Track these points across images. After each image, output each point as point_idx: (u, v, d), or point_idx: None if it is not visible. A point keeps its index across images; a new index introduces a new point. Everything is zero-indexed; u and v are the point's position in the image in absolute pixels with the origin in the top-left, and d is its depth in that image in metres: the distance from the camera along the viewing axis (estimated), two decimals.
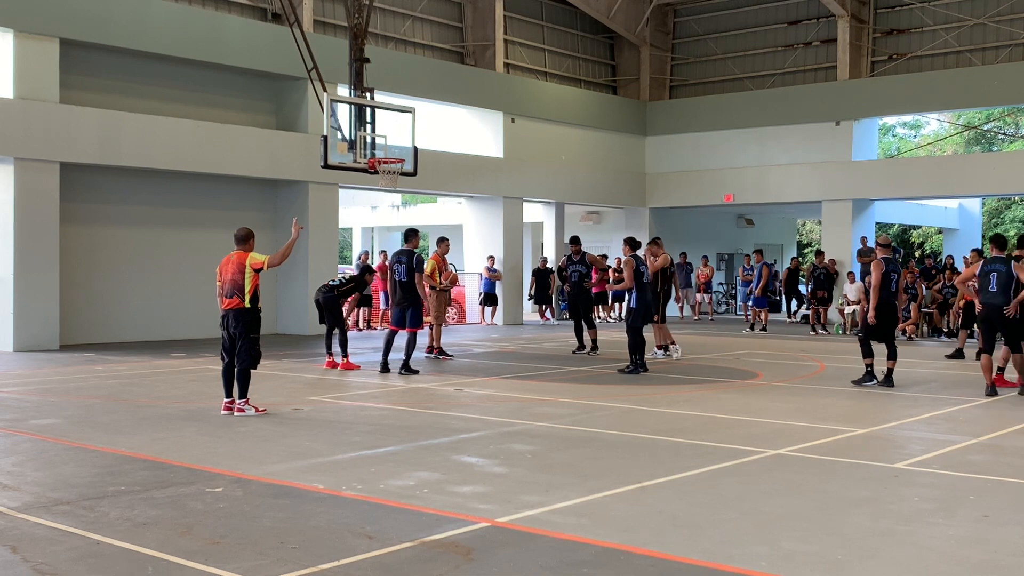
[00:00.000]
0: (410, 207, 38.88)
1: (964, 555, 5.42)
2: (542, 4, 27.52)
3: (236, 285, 9.95)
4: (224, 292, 10.02)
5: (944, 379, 13.80)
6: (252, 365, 10.10)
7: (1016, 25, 24.64)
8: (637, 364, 13.96)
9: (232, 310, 9.99)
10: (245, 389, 10.12)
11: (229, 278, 9.98)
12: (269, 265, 10.02)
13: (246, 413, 10.00)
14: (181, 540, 5.56)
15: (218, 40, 19.67)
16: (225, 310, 10.04)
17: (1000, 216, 43.83)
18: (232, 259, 10.06)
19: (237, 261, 10.03)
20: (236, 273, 9.96)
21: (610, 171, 28.42)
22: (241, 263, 9.97)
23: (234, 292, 9.95)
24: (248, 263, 9.94)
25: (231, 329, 10.03)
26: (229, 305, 10.00)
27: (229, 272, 10.00)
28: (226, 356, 10.15)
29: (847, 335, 21.97)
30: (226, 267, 10.06)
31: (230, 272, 9.99)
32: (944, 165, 28.85)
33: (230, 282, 9.97)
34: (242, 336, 9.97)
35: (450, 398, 11.70)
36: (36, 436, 8.83)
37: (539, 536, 5.70)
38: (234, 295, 9.96)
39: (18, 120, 16.96)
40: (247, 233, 10.21)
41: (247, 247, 10.11)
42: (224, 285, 10.01)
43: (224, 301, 10.03)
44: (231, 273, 9.98)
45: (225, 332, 10.11)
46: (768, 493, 6.80)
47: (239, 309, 9.97)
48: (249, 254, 10.03)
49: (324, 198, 21.41)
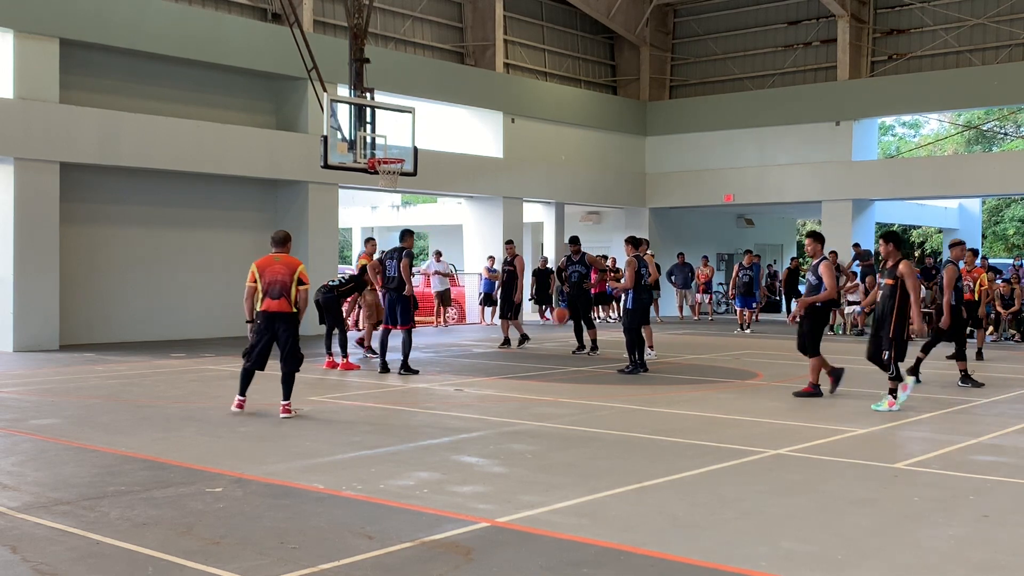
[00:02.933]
0: (410, 207, 38.88)
1: (964, 555, 5.42)
2: (542, 4, 27.52)
3: (285, 287, 9.72)
4: (270, 292, 9.71)
5: (944, 379, 13.80)
6: (297, 367, 9.92)
7: (1016, 25, 24.64)
8: (636, 364, 13.96)
9: (280, 313, 9.73)
10: (291, 391, 9.95)
11: (277, 279, 9.70)
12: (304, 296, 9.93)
13: (291, 415, 9.80)
14: (181, 540, 5.56)
15: (218, 40, 19.67)
16: (270, 312, 9.73)
17: (1000, 215, 43.85)
18: (280, 260, 9.82)
19: (287, 264, 9.80)
20: (286, 275, 9.73)
21: (610, 171, 28.42)
22: (292, 268, 9.77)
23: (282, 294, 9.72)
24: (298, 274, 9.78)
25: (277, 332, 9.78)
26: (276, 307, 9.72)
27: (277, 273, 9.72)
28: (252, 357, 9.91)
29: (847, 335, 21.97)
30: (270, 267, 9.77)
31: (278, 273, 9.72)
32: (944, 165, 28.86)
33: (279, 284, 9.70)
34: (289, 339, 9.78)
35: (450, 398, 11.70)
36: (36, 436, 8.82)
37: (539, 536, 5.70)
38: (282, 296, 9.72)
39: (18, 120, 16.95)
40: (287, 235, 10.06)
41: (287, 249, 9.98)
42: (271, 286, 9.70)
43: (267, 302, 9.73)
44: (279, 275, 9.72)
45: (263, 334, 9.81)
46: (768, 493, 6.80)
47: (288, 313, 9.75)
48: (299, 264, 9.86)
49: (324, 198, 21.41)
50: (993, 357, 16.76)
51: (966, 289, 16.68)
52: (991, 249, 41.64)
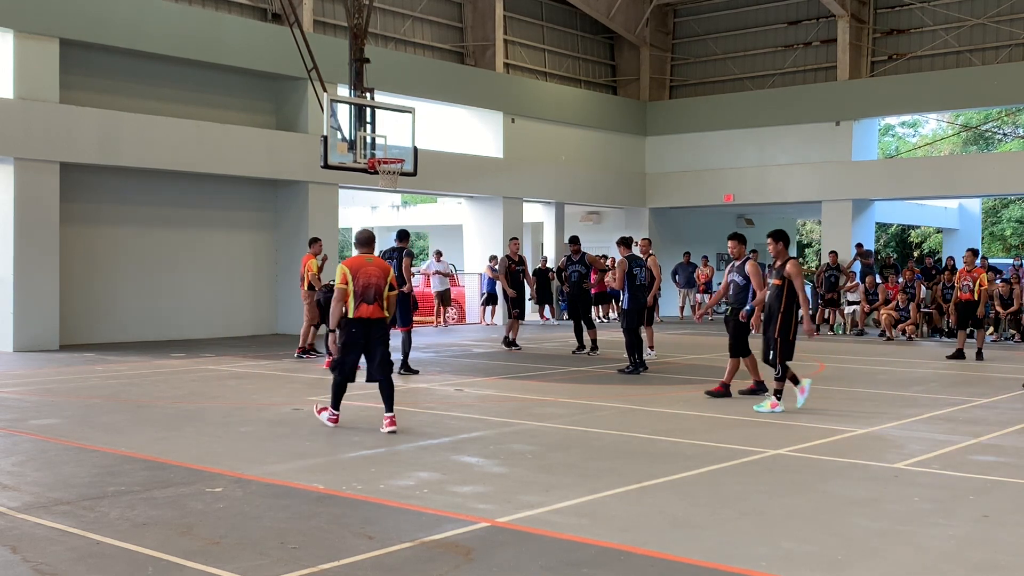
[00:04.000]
0: (410, 207, 38.88)
1: (964, 555, 5.42)
2: (542, 4, 27.52)
3: (379, 292, 9.14)
4: (366, 297, 9.05)
5: (944, 379, 13.81)
6: (391, 372, 9.34)
7: (1016, 25, 24.64)
8: (636, 364, 13.97)
9: (375, 319, 9.13)
10: (393, 400, 9.27)
11: (372, 283, 9.09)
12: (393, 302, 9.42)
13: (396, 429, 9.07)
14: (181, 540, 5.56)
15: (218, 40, 19.67)
16: (365, 318, 9.08)
17: (997, 216, 43.87)
18: (372, 262, 9.25)
19: (380, 266, 9.26)
20: (380, 279, 9.15)
21: (610, 171, 28.42)
22: (385, 271, 9.24)
23: (376, 298, 9.11)
24: (390, 278, 9.27)
25: (371, 339, 9.14)
26: (371, 313, 9.09)
27: (371, 276, 9.11)
28: (346, 370, 9.26)
29: (847, 335, 21.98)
30: (364, 270, 9.12)
31: (372, 276, 9.11)
32: (944, 165, 28.86)
33: (374, 287, 9.10)
34: (383, 346, 9.21)
35: (450, 398, 11.70)
36: (36, 436, 8.82)
37: (539, 536, 5.70)
38: (376, 301, 9.11)
39: (18, 120, 16.95)
40: (372, 235, 9.55)
41: (372, 249, 9.48)
42: (366, 289, 9.06)
43: (363, 307, 9.06)
44: (374, 278, 9.12)
45: (357, 343, 9.14)
46: (768, 493, 6.80)
47: (382, 319, 9.19)
48: (390, 267, 9.37)
49: (324, 198, 21.41)
50: (993, 357, 16.76)
51: (965, 289, 16.72)
52: (989, 250, 41.64)
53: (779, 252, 10.65)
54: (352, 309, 9.05)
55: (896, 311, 21.01)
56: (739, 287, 11.39)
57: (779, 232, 10.84)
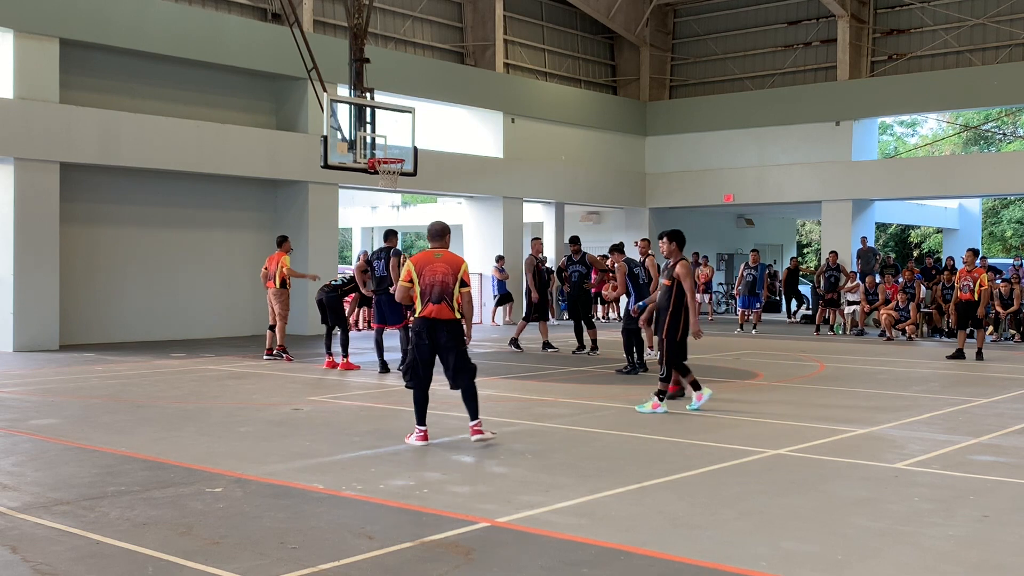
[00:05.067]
0: (410, 207, 38.87)
1: (964, 555, 5.42)
2: (542, 4, 27.53)
3: (447, 290, 8.31)
4: (430, 296, 8.32)
5: (944, 379, 13.80)
6: (473, 378, 8.58)
7: (1016, 25, 24.64)
8: (635, 364, 13.97)
9: (442, 320, 8.32)
10: (478, 407, 8.55)
11: (439, 280, 8.31)
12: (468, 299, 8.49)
13: (486, 436, 8.46)
14: (181, 540, 5.56)
15: (218, 40, 19.67)
16: (430, 318, 8.33)
17: (997, 217, 43.86)
18: (440, 258, 8.44)
19: (449, 262, 8.41)
20: (448, 276, 8.33)
21: (610, 171, 28.41)
22: (455, 267, 8.39)
23: (443, 297, 8.30)
24: (461, 274, 8.40)
25: (440, 342, 8.37)
26: (436, 313, 8.31)
27: (437, 273, 8.33)
28: (414, 376, 8.53)
29: (847, 335, 21.97)
30: (430, 266, 8.37)
31: (439, 273, 8.33)
32: (943, 165, 28.85)
33: (440, 285, 8.30)
34: (454, 349, 8.40)
35: (450, 398, 11.68)
36: (36, 436, 8.82)
37: (539, 536, 5.70)
38: (442, 300, 8.30)
39: (18, 120, 16.95)
40: (445, 227, 8.68)
41: (445, 243, 8.62)
42: (431, 287, 8.31)
43: (428, 307, 8.33)
44: (440, 274, 8.33)
45: (423, 345, 8.41)
46: (768, 493, 6.80)
47: (451, 320, 8.35)
48: (462, 262, 8.50)
49: (324, 198, 21.41)
50: (993, 357, 16.76)
51: (965, 289, 16.71)
52: (989, 250, 41.65)
53: (671, 252, 10.53)
54: (419, 308, 8.42)
55: (896, 311, 21.01)
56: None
57: (673, 232, 10.70)
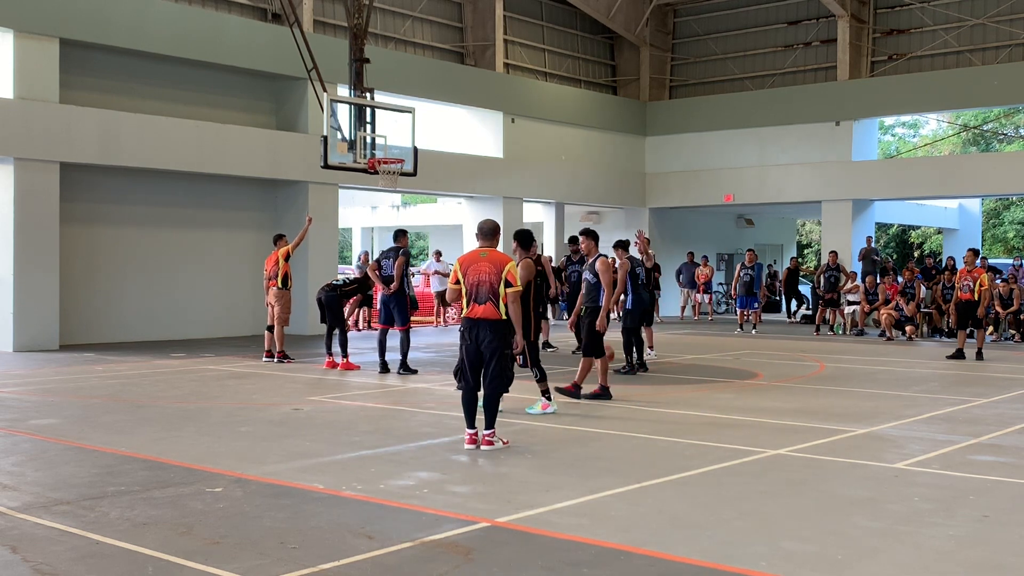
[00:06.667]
0: (410, 207, 38.88)
1: (964, 555, 5.42)
2: (542, 4, 27.53)
3: (493, 290, 8.12)
4: (476, 296, 8.14)
5: (944, 379, 13.81)
6: (504, 388, 8.40)
7: (1016, 25, 24.64)
8: (635, 364, 13.97)
9: (487, 320, 8.13)
10: (495, 417, 8.33)
11: (484, 280, 8.14)
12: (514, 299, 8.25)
13: (495, 447, 8.22)
14: (181, 540, 5.56)
15: (218, 40, 19.67)
16: (474, 318, 8.16)
17: (999, 218, 43.84)
18: (486, 257, 8.23)
19: (495, 261, 8.20)
20: (494, 275, 8.13)
21: (610, 171, 28.42)
22: (500, 266, 8.16)
23: (489, 297, 8.12)
24: (506, 273, 8.14)
25: (482, 344, 8.17)
26: (482, 313, 8.13)
27: (482, 272, 8.15)
28: (470, 376, 8.32)
29: (847, 335, 21.97)
30: (475, 266, 8.20)
31: (483, 272, 8.15)
32: (944, 165, 28.87)
33: (486, 285, 8.12)
34: (496, 353, 8.17)
35: (450, 398, 11.68)
36: (36, 436, 8.82)
37: (539, 536, 5.70)
38: (488, 301, 8.11)
39: (18, 120, 16.95)
40: (496, 226, 8.51)
41: (495, 242, 8.42)
42: (476, 287, 8.14)
43: (473, 307, 8.17)
44: (485, 274, 8.14)
45: (468, 345, 8.24)
46: (768, 493, 6.80)
47: (496, 320, 8.14)
48: (509, 261, 8.24)
49: (324, 198, 21.40)
50: (993, 357, 16.76)
51: (965, 289, 16.71)
52: (990, 251, 41.64)
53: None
54: (465, 309, 8.28)
55: (896, 311, 21.01)
56: (591, 285, 11.13)
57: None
